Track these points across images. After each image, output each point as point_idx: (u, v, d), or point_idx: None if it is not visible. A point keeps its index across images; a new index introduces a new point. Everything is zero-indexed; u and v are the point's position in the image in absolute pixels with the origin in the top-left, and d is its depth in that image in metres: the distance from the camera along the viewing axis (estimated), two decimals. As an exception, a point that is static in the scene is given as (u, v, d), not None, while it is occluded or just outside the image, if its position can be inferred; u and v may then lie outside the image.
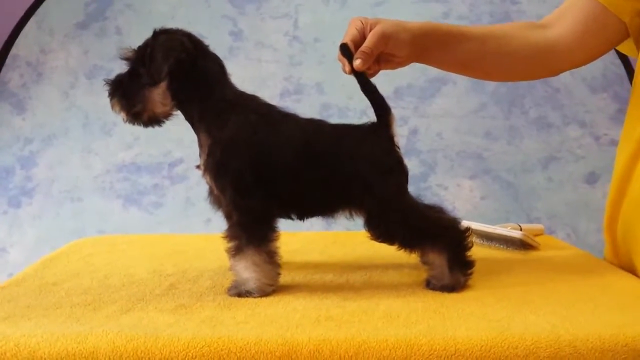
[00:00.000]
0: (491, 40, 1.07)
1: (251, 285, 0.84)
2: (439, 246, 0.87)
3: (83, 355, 0.66)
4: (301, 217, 0.93)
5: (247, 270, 0.85)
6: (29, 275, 0.98)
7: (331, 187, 0.88)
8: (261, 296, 0.84)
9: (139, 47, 0.90)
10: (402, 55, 1.02)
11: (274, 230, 0.88)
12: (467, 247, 0.89)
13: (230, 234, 0.87)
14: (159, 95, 0.89)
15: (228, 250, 0.87)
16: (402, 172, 0.90)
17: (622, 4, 1.01)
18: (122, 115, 0.91)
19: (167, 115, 0.92)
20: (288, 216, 0.92)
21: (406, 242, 0.88)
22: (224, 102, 0.89)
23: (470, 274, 0.89)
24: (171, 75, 0.87)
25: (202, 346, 0.66)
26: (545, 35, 1.06)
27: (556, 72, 1.14)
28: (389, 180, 0.88)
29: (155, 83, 0.88)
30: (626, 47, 1.10)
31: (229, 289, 0.86)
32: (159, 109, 0.90)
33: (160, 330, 0.69)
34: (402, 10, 1.90)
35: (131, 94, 0.89)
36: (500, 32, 1.09)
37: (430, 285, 0.88)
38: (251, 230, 0.86)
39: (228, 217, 0.91)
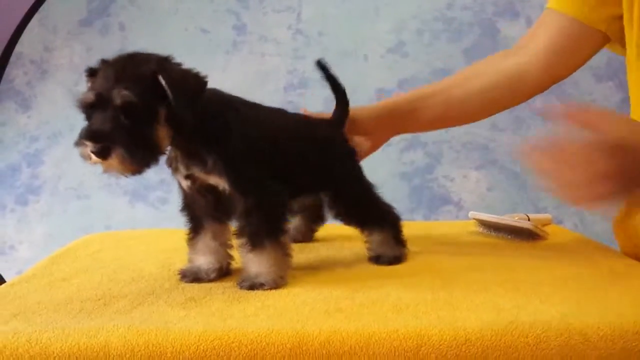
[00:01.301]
0: (456, 87, 1.11)
1: (265, 278, 0.84)
2: (385, 226, 0.99)
3: (95, 350, 0.66)
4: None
5: (263, 264, 0.84)
6: (38, 271, 0.99)
7: (311, 172, 0.95)
8: (273, 289, 0.84)
9: (139, 81, 0.76)
10: (375, 133, 1.13)
11: (287, 221, 0.89)
12: (402, 228, 1.01)
13: (245, 230, 0.85)
14: (164, 130, 0.79)
15: (243, 245, 0.85)
16: (356, 159, 1.03)
17: (595, 14, 0.99)
18: (130, 168, 0.76)
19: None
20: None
21: (361, 223, 1.00)
22: (212, 112, 0.85)
23: (406, 249, 1.00)
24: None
25: (213, 339, 0.66)
26: (517, 61, 1.07)
27: (528, 97, 1.14)
28: (346, 165, 1.00)
29: (181, 124, 0.79)
30: (613, 48, 1.09)
31: (241, 282, 0.85)
32: (164, 145, 0.80)
33: (171, 324, 0.70)
34: (404, 2, 1.90)
35: (146, 140, 0.77)
36: (470, 72, 1.13)
37: (381, 259, 0.97)
38: (269, 224, 0.85)
39: (240, 215, 0.87)
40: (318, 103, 1.82)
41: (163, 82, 0.76)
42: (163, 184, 1.92)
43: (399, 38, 1.91)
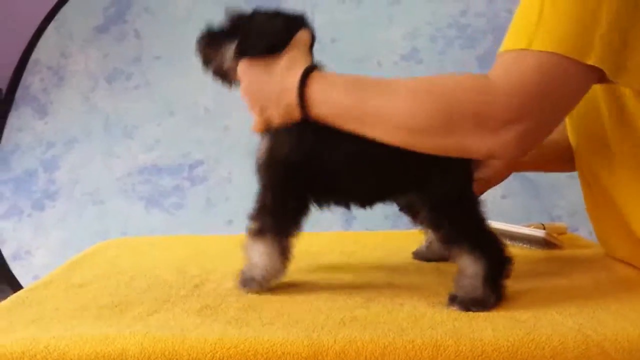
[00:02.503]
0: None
1: (257, 272, 0.85)
2: (478, 253, 0.80)
3: (111, 357, 0.66)
4: (363, 205, 0.91)
5: (259, 256, 0.85)
6: (55, 277, 1.00)
7: (394, 174, 0.86)
8: (261, 289, 0.85)
9: (238, 16, 0.91)
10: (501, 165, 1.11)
11: (297, 228, 0.87)
12: (506, 274, 0.81)
13: (256, 215, 0.87)
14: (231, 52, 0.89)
15: (248, 230, 0.87)
16: (468, 163, 0.87)
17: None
18: (201, 58, 0.92)
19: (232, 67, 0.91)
20: (345, 205, 0.90)
21: (450, 236, 0.83)
22: None
23: (499, 299, 0.79)
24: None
25: (229, 347, 0.67)
26: None
27: None
28: (459, 172, 0.85)
29: (240, 56, 0.88)
30: None
31: (239, 278, 0.88)
32: (230, 63, 0.90)
33: (187, 332, 0.70)
34: (418, 9, 1.90)
35: (215, 45, 0.91)
36: None
37: (457, 300, 0.78)
38: (280, 220, 0.86)
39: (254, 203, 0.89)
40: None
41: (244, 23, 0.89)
42: (178, 190, 1.93)
43: (413, 45, 1.91)
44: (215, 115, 1.93)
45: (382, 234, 0.92)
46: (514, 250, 1.15)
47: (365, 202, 0.90)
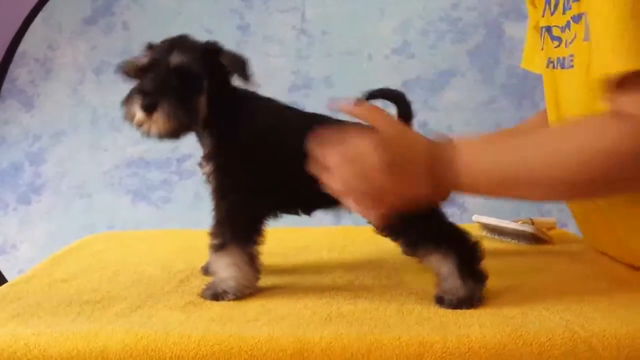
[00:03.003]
0: None
1: (229, 284, 0.82)
2: (445, 250, 0.79)
3: (93, 355, 0.65)
4: (308, 211, 0.92)
5: (227, 269, 0.82)
6: (38, 272, 0.98)
7: None
8: (237, 298, 0.81)
9: (195, 51, 0.83)
10: None
11: (259, 234, 0.85)
12: (480, 258, 0.80)
13: (216, 231, 0.85)
14: (204, 102, 0.83)
15: (211, 247, 0.85)
16: None
17: None
18: (172, 125, 0.79)
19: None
20: (295, 212, 0.91)
21: (410, 240, 0.83)
22: (234, 103, 0.87)
23: (484, 286, 0.80)
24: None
25: (213, 344, 0.66)
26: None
27: None
28: None
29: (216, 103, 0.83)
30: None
31: (204, 291, 0.83)
32: (201, 116, 0.84)
33: (170, 328, 0.69)
34: (409, 2, 1.88)
35: (189, 103, 0.81)
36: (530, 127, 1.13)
37: (445, 301, 0.77)
38: (237, 229, 0.83)
39: (215, 209, 0.87)
40: (322, 104, 1.81)
41: (224, 56, 0.84)
42: (165, 184, 1.91)
43: (404, 38, 1.89)
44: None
45: (370, 229, 0.91)
46: (503, 245, 1.16)
47: (310, 207, 0.90)
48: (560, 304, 0.76)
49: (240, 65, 0.84)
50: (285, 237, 0.88)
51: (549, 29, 0.98)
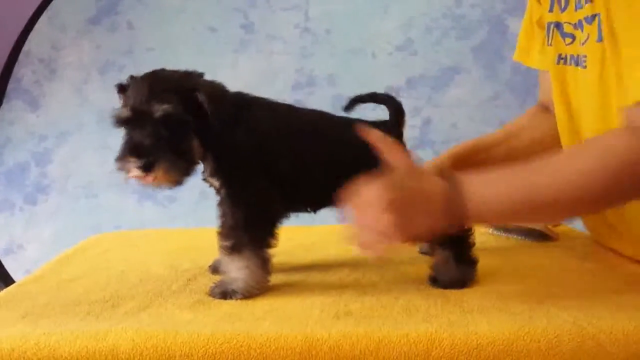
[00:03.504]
0: (512, 138, 1.12)
1: (239, 285, 0.81)
2: (442, 241, 0.85)
3: (103, 353, 0.66)
4: (314, 210, 0.93)
5: (239, 272, 0.82)
6: (46, 272, 0.99)
7: (344, 178, 0.85)
8: (245, 298, 0.81)
9: (174, 94, 0.79)
10: None
11: (274, 237, 0.85)
12: (471, 245, 0.87)
13: (230, 233, 0.84)
14: (196, 141, 0.81)
15: (223, 248, 0.84)
16: None
17: None
18: (175, 178, 0.79)
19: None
20: (304, 210, 0.91)
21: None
22: (230, 112, 0.85)
23: (476, 269, 0.87)
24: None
25: (222, 342, 0.66)
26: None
27: None
28: None
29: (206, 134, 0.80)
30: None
31: (213, 289, 0.83)
32: (198, 155, 0.82)
33: (179, 327, 0.69)
34: (413, 1, 1.88)
35: (184, 151, 0.79)
36: (523, 123, 1.15)
37: (438, 281, 0.84)
38: (253, 234, 0.83)
39: (228, 216, 0.86)
40: (326, 102, 1.81)
41: (201, 98, 0.79)
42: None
43: (407, 35, 1.89)
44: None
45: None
46: (510, 242, 1.16)
47: (320, 205, 0.91)
48: (568, 301, 0.76)
49: (216, 106, 0.80)
50: (292, 235, 0.88)
51: (558, 25, 0.98)
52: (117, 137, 2.07)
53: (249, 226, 0.83)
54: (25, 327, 0.71)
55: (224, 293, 0.82)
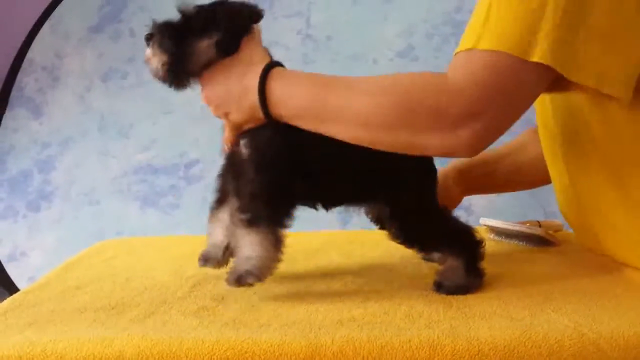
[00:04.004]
0: (518, 152, 1.16)
1: (254, 264, 0.80)
2: (457, 251, 0.87)
3: (109, 360, 0.67)
4: (328, 206, 0.92)
5: (253, 248, 0.81)
6: (51, 279, 1.00)
7: (366, 177, 0.88)
8: (258, 280, 0.80)
9: (202, 6, 0.86)
10: (450, 197, 1.14)
11: (290, 217, 0.84)
12: (482, 257, 0.88)
13: (247, 205, 0.83)
14: (204, 46, 0.84)
15: (240, 220, 0.82)
16: (433, 175, 0.92)
17: None
18: (163, 58, 0.83)
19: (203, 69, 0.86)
20: (313, 205, 0.91)
21: (425, 247, 0.92)
22: None
23: (482, 281, 0.88)
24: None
25: (227, 349, 0.67)
26: None
27: None
28: (420, 181, 0.89)
29: (226, 51, 0.85)
30: None
31: (228, 278, 0.81)
32: (204, 58, 0.85)
33: (184, 333, 0.70)
34: (413, 6, 1.90)
35: (181, 39, 0.83)
36: (527, 137, 1.18)
37: (443, 287, 0.85)
38: (272, 207, 0.83)
39: (249, 183, 0.85)
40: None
41: (218, 14, 0.84)
42: (173, 190, 1.93)
43: (408, 42, 1.91)
44: (211, 114, 1.93)
45: (379, 232, 0.92)
46: (510, 247, 1.16)
47: (334, 202, 0.92)
48: (569, 306, 0.77)
49: (232, 20, 0.86)
50: (294, 241, 0.89)
51: None
52: (120, 145, 2.09)
53: (268, 197, 0.82)
54: (32, 334, 0.72)
55: (239, 277, 0.80)
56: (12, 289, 1.90)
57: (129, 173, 1.94)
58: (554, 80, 0.76)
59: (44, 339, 0.69)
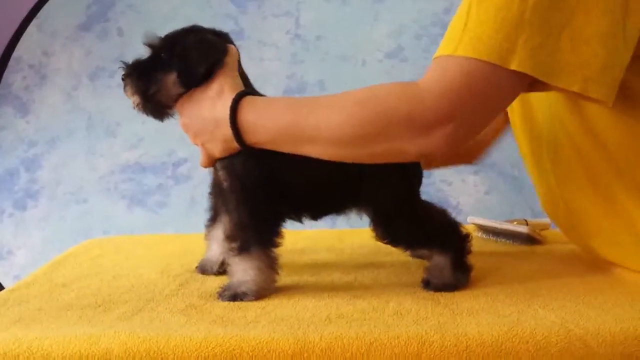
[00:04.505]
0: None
1: (249, 287, 0.82)
2: (443, 248, 0.88)
3: (96, 357, 0.66)
4: (315, 217, 0.93)
5: (247, 273, 0.83)
6: (38, 277, 0.99)
7: (346, 187, 0.88)
8: (256, 299, 0.82)
9: (167, 37, 0.88)
10: None
11: (280, 236, 0.86)
12: (468, 252, 0.90)
13: (236, 234, 0.85)
14: (171, 80, 0.87)
15: (231, 249, 0.85)
16: (416, 175, 0.92)
17: None
18: (136, 99, 0.88)
19: (176, 99, 0.88)
20: (299, 219, 0.92)
21: (410, 246, 0.93)
22: None
23: (469, 276, 0.89)
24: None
25: (214, 346, 0.67)
26: None
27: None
28: (403, 184, 0.89)
29: (188, 84, 0.86)
30: None
31: (221, 292, 0.83)
32: (170, 92, 0.87)
33: (172, 331, 0.70)
34: (403, 7, 1.90)
35: (149, 77, 0.87)
36: None
37: (431, 284, 0.86)
38: (260, 232, 0.84)
39: (234, 213, 0.88)
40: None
41: (178, 47, 0.86)
42: (161, 189, 1.92)
43: (397, 42, 1.91)
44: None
45: (367, 231, 0.92)
46: (498, 245, 1.17)
47: (319, 214, 0.93)
48: (556, 302, 0.78)
49: (193, 54, 0.86)
50: (282, 240, 0.89)
51: None
52: (107, 144, 2.08)
53: (255, 224, 0.84)
54: (18, 332, 0.71)
55: (234, 296, 0.82)
56: (-2, 288, 1.88)
57: (116, 172, 1.92)
58: (532, 82, 0.76)
59: (30, 336, 0.69)
